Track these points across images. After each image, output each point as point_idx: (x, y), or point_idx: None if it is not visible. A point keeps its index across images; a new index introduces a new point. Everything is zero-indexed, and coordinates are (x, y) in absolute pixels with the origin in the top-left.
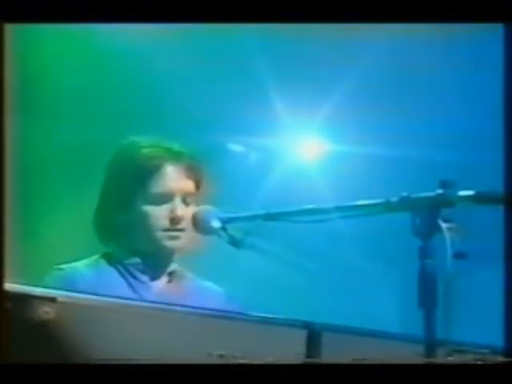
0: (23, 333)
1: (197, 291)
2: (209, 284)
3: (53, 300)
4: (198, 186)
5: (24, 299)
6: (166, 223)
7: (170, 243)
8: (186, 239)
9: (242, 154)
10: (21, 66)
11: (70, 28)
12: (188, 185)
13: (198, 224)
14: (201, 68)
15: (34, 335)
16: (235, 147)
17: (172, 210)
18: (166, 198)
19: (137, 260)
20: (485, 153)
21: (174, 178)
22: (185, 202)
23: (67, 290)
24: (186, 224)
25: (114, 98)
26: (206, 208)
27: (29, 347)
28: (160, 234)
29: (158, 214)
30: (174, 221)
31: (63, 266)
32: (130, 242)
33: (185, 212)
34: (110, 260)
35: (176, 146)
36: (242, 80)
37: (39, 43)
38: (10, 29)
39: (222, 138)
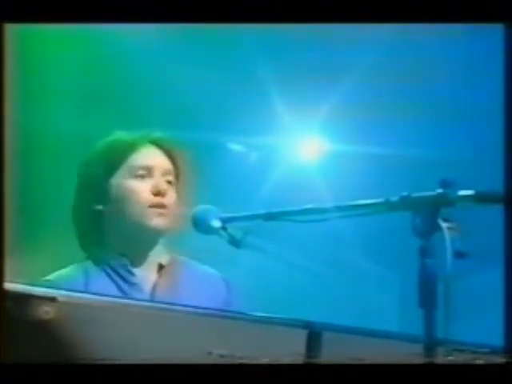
0: (23, 333)
1: (192, 278)
2: (205, 267)
3: (53, 300)
4: (176, 167)
5: (24, 299)
6: (148, 197)
7: (154, 221)
8: (170, 218)
9: (242, 154)
10: (21, 66)
11: (71, 28)
12: (166, 163)
13: (198, 224)
14: (201, 68)
15: (33, 335)
16: (235, 147)
17: (153, 185)
18: (146, 173)
19: (123, 259)
20: (484, 152)
21: (151, 154)
22: (166, 180)
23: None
24: (169, 202)
25: (113, 97)
26: (206, 208)
27: (29, 347)
28: (143, 210)
29: (140, 187)
30: (157, 194)
31: (49, 277)
32: (113, 234)
33: (167, 188)
34: (96, 264)
35: (156, 133)
36: (243, 80)
37: (39, 43)
38: (10, 29)
39: (221, 137)
